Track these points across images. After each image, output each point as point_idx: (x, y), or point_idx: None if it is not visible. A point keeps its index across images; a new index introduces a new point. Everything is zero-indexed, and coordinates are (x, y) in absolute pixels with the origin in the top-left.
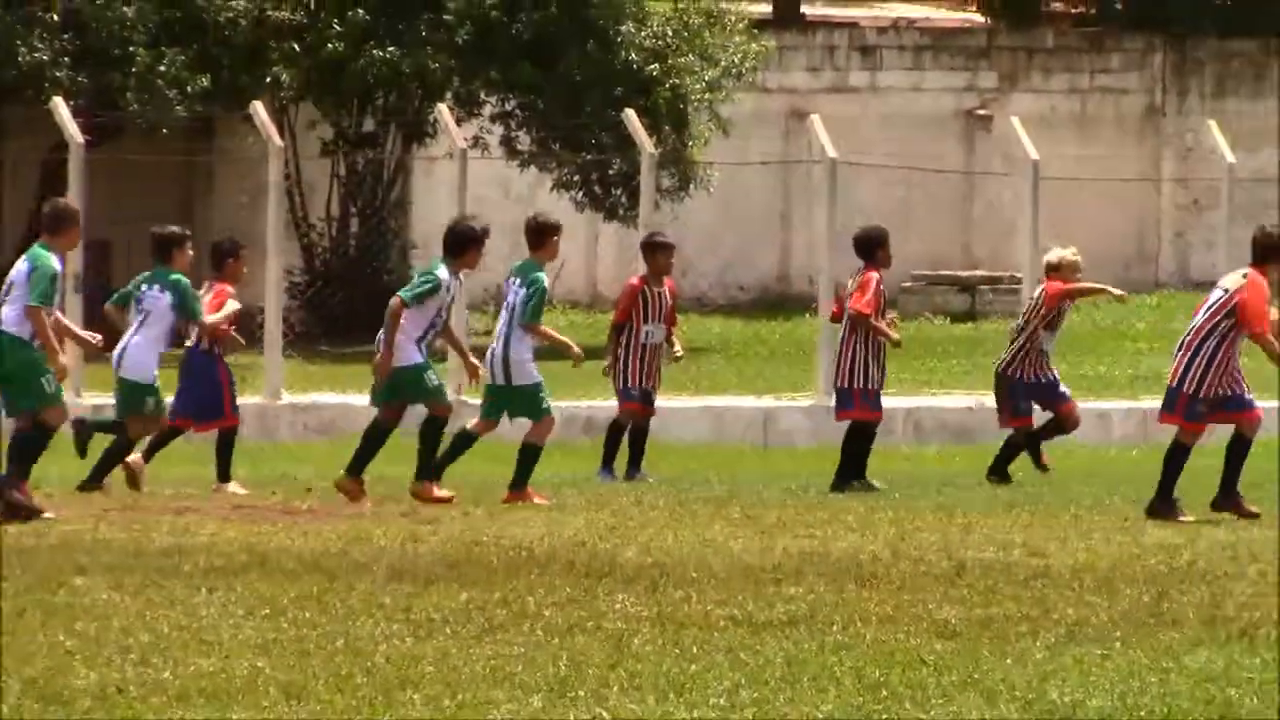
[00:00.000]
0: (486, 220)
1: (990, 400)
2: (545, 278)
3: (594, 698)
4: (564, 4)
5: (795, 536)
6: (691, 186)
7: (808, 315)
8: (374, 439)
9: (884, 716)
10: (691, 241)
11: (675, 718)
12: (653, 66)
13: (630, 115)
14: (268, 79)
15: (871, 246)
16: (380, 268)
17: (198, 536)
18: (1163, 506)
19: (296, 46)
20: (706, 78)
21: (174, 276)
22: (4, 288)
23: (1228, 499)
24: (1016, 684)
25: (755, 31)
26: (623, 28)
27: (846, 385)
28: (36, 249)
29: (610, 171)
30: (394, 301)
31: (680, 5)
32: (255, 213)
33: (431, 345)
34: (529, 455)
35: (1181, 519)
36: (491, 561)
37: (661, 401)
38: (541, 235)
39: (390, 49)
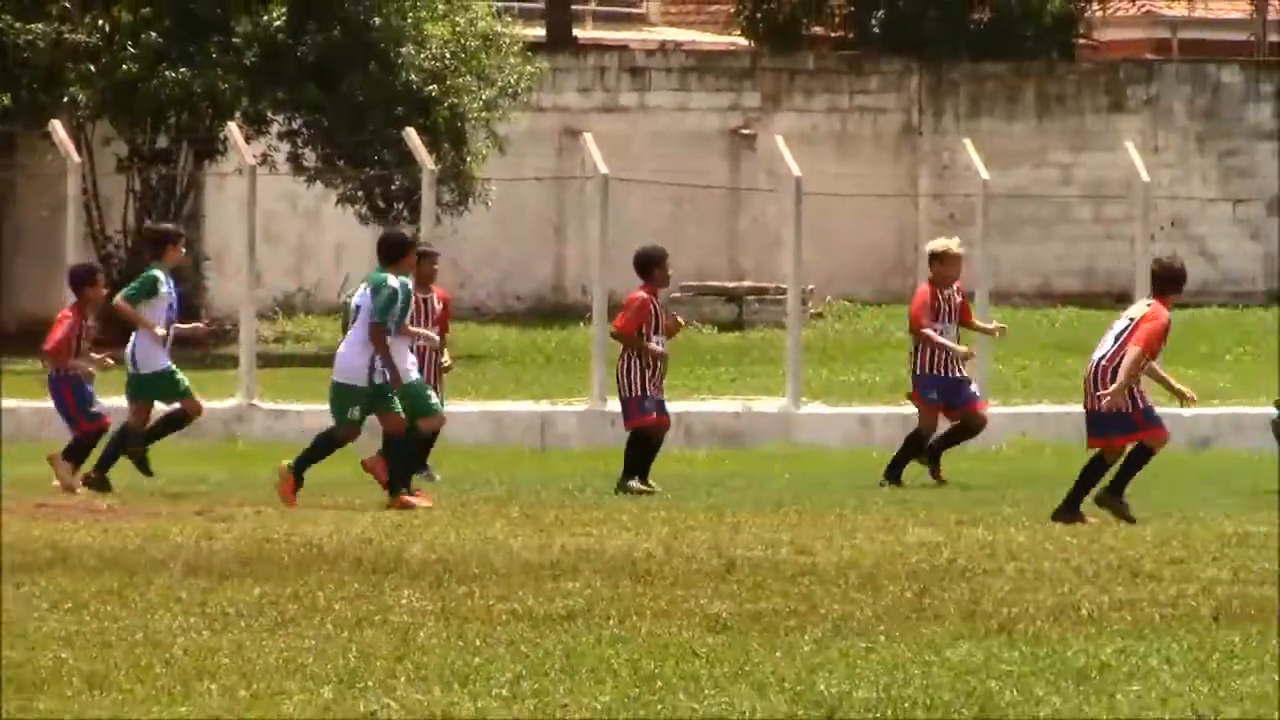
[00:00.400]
0: (275, 233)
1: (758, 405)
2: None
3: (382, 688)
4: (347, 27)
5: (573, 535)
6: (470, 201)
7: (581, 324)
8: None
9: (658, 707)
10: (470, 253)
11: (459, 708)
12: (432, 87)
13: (411, 133)
14: (65, 98)
15: (649, 265)
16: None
17: (5, 534)
18: (1070, 514)
19: (93, 67)
20: (484, 97)
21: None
22: None
23: (1114, 496)
24: (785, 676)
25: (530, 54)
26: (403, 50)
27: (627, 394)
28: None
29: (392, 187)
30: (375, 331)
31: (458, 29)
32: (55, 226)
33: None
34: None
35: (1087, 520)
36: (283, 558)
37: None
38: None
39: (182, 70)
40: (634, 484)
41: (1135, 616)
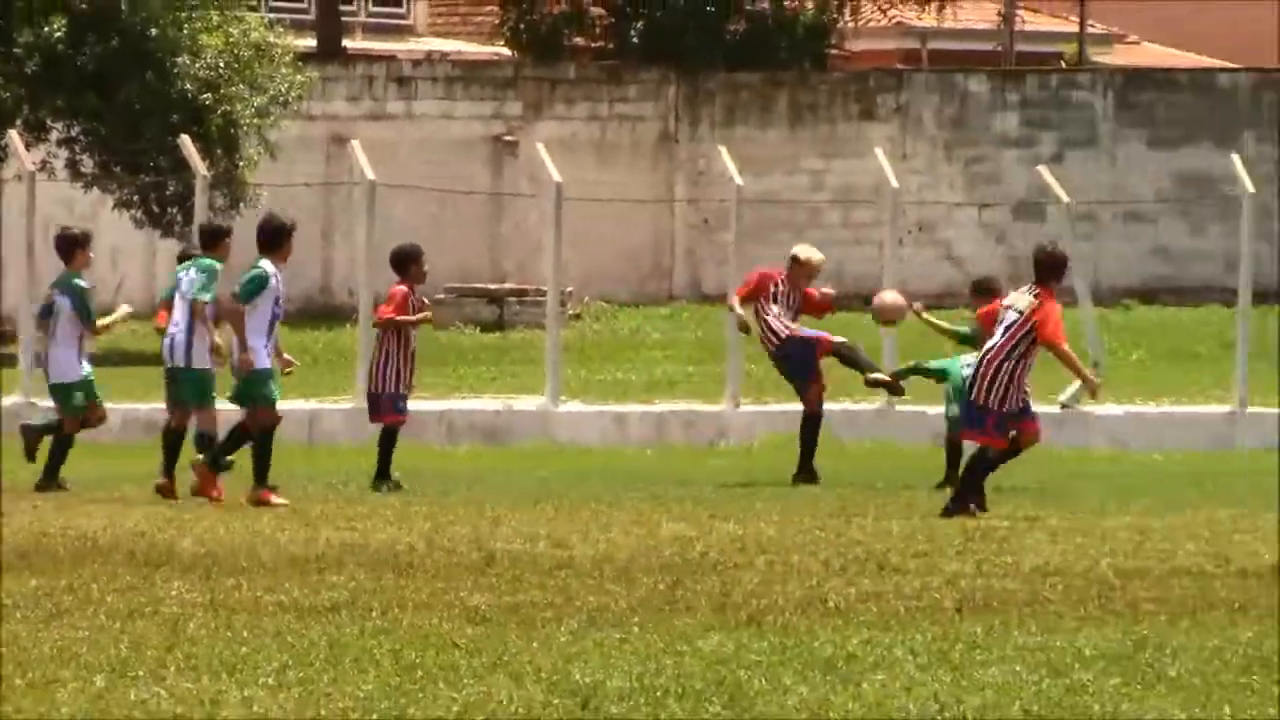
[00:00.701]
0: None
1: (518, 403)
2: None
3: (153, 677)
4: (125, 38)
5: (337, 529)
6: (242, 206)
7: (348, 325)
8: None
9: (419, 696)
10: (241, 256)
11: (227, 696)
12: (206, 95)
13: (185, 140)
14: None
15: (405, 262)
16: None
17: None
18: (959, 507)
19: None
20: (255, 105)
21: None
22: None
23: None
24: (542, 666)
25: (300, 64)
26: (178, 60)
27: (380, 390)
28: None
29: (167, 192)
30: (232, 304)
31: (231, 39)
32: None
33: (277, 345)
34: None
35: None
36: (59, 551)
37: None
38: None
39: None
40: (394, 480)
41: (881, 608)
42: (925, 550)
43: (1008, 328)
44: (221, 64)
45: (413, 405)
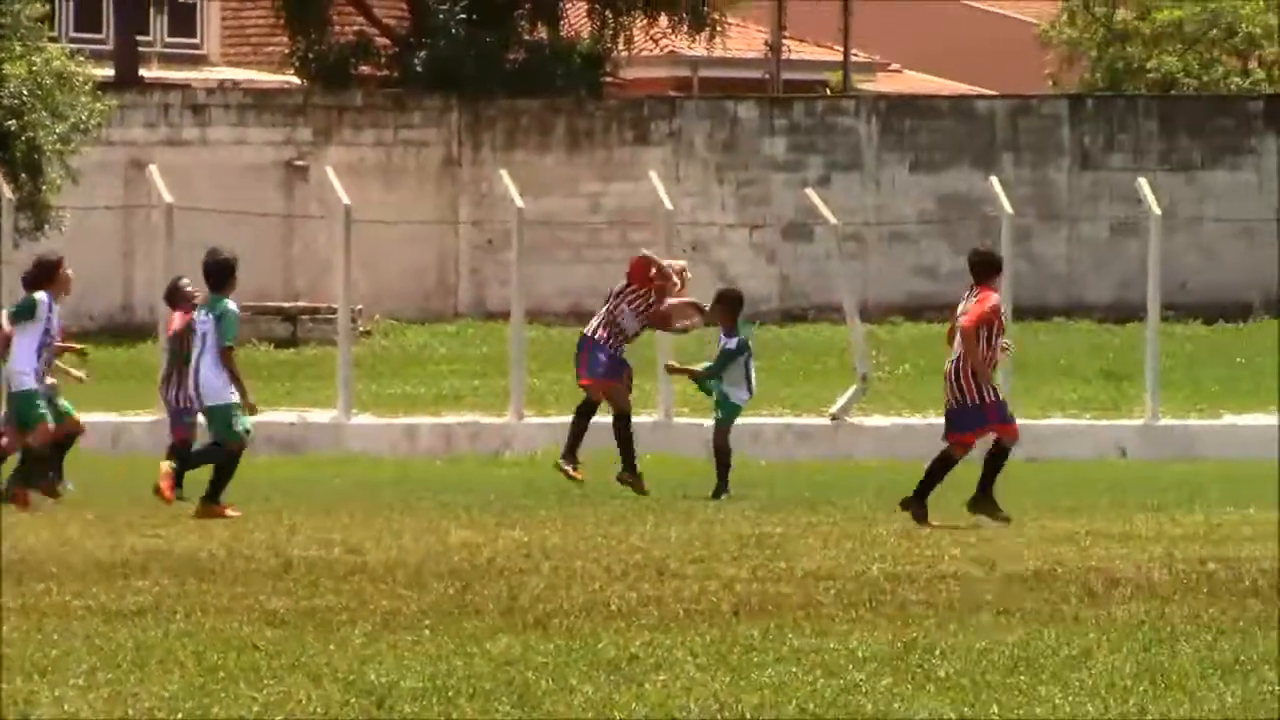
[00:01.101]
0: None
1: (311, 416)
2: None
3: None
4: None
5: (142, 536)
6: (46, 227)
7: (150, 342)
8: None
9: (222, 695)
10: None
11: (40, 696)
12: (10, 122)
13: None
14: None
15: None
16: None
17: None
18: (917, 507)
19: None
20: (58, 132)
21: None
22: None
23: (985, 497)
24: (339, 667)
25: (100, 92)
26: None
27: (176, 405)
28: None
29: None
30: (228, 353)
31: (34, 68)
32: None
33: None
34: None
35: (931, 524)
36: None
37: None
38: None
39: None
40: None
41: (661, 612)
42: (703, 556)
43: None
44: (25, 92)
45: None
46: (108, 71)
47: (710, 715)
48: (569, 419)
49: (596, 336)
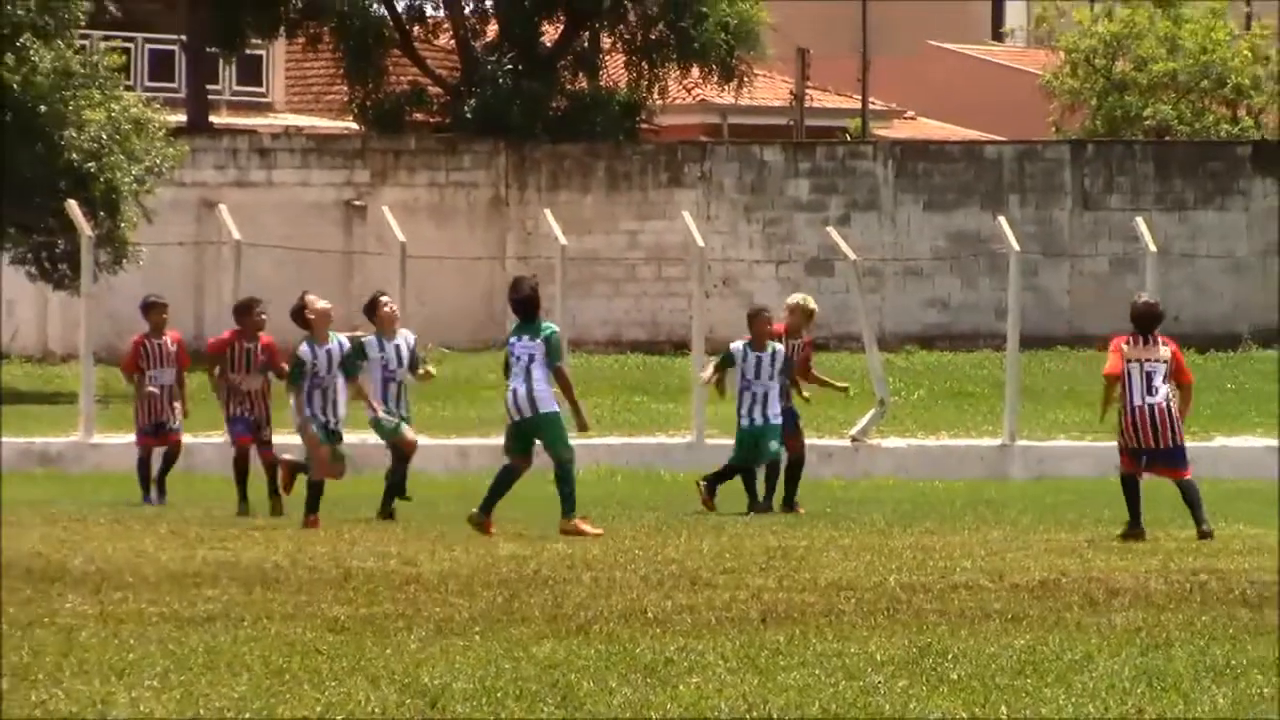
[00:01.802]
0: None
1: (371, 438)
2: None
3: (50, 680)
4: (17, 113)
5: (212, 548)
6: (124, 262)
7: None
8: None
9: (286, 696)
10: (124, 308)
11: (116, 697)
12: (90, 164)
13: (72, 204)
14: None
15: (240, 314)
16: None
17: None
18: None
19: None
20: (134, 174)
21: None
22: None
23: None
24: (395, 670)
25: (173, 137)
26: (65, 133)
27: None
28: None
29: (57, 250)
30: (561, 371)
31: (112, 115)
32: None
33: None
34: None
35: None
36: None
37: None
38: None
39: None
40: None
41: (694, 619)
42: (733, 567)
43: (1160, 376)
44: (104, 137)
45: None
46: (180, 117)
47: (739, 715)
48: (608, 441)
49: None
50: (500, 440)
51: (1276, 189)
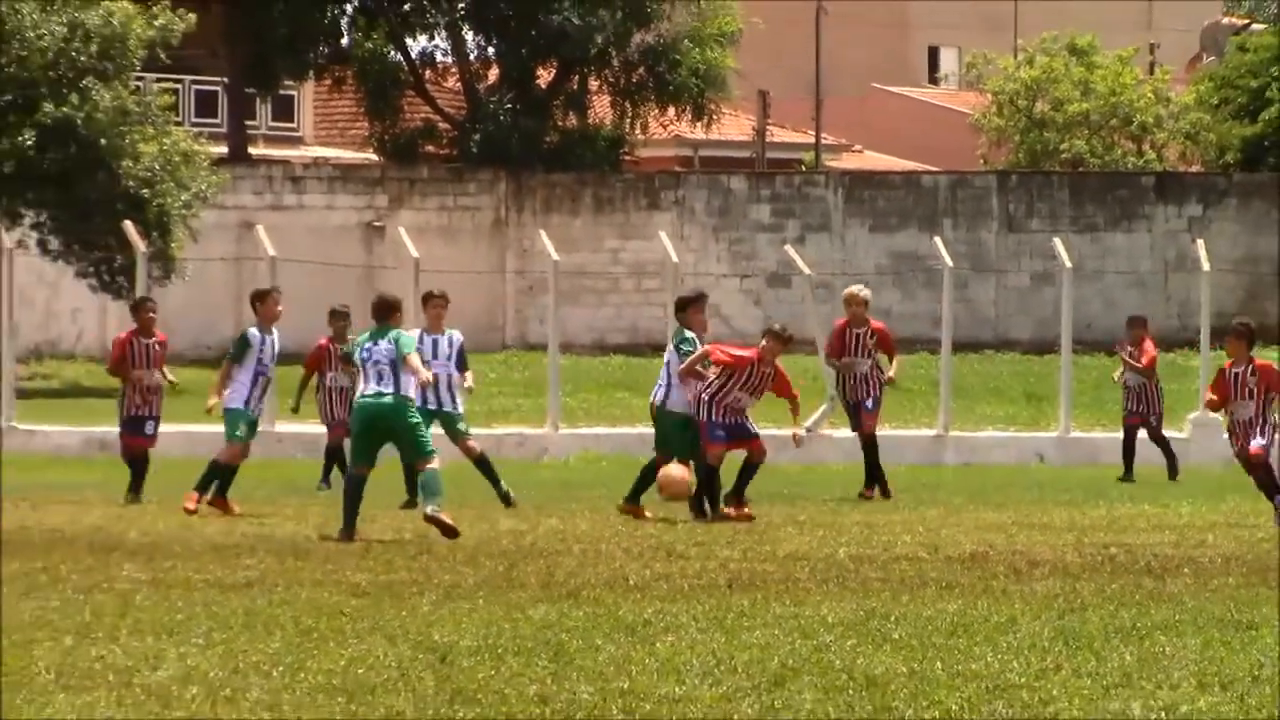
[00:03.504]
0: (27, 298)
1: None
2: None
3: (109, 638)
4: (81, 147)
5: (250, 524)
6: (173, 276)
7: None
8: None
9: (314, 652)
10: (173, 314)
11: (167, 653)
12: (145, 191)
13: (128, 225)
14: None
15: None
16: None
17: None
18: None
19: None
20: (183, 199)
21: None
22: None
23: (737, 498)
24: (409, 629)
25: (216, 166)
26: (123, 163)
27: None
28: None
29: (115, 265)
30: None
31: (164, 147)
32: None
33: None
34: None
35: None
36: (34, 541)
37: None
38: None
39: None
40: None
41: (670, 585)
42: (703, 540)
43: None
44: (156, 167)
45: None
46: (222, 149)
47: (709, 669)
48: (595, 431)
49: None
50: (499, 431)
51: (1176, 214)
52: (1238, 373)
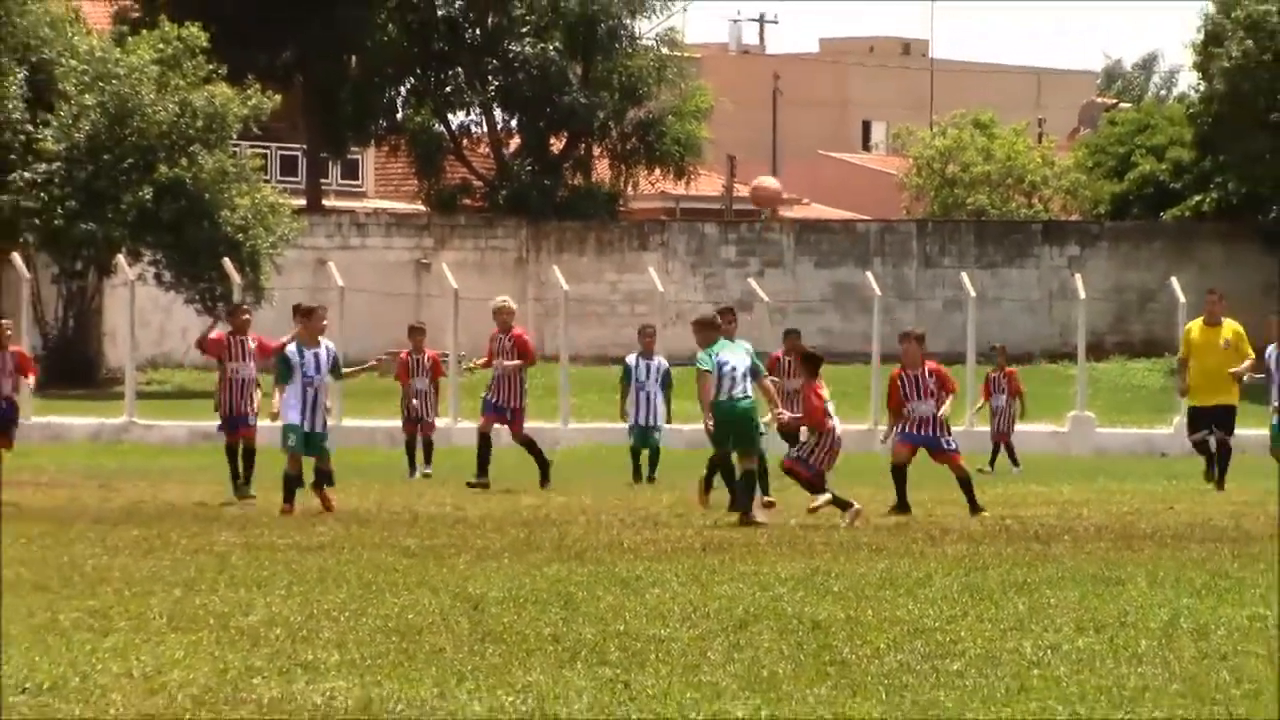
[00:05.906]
0: (145, 320)
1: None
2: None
3: (210, 590)
4: (189, 200)
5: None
6: (262, 302)
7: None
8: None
9: (374, 600)
10: (261, 333)
11: (256, 602)
12: (239, 235)
13: (227, 263)
14: (20, 240)
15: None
16: (84, 349)
17: None
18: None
19: (37, 221)
20: (270, 242)
21: None
22: None
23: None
24: (449, 583)
25: (296, 215)
26: (222, 213)
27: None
28: None
29: (217, 294)
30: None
31: (255, 200)
32: (10, 315)
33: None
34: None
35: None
36: (150, 512)
37: None
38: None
39: (91, 224)
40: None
41: (656, 548)
42: (682, 513)
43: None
44: (249, 216)
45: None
46: (301, 201)
47: (687, 615)
48: (596, 425)
49: None
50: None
51: (1059, 254)
52: (916, 375)
